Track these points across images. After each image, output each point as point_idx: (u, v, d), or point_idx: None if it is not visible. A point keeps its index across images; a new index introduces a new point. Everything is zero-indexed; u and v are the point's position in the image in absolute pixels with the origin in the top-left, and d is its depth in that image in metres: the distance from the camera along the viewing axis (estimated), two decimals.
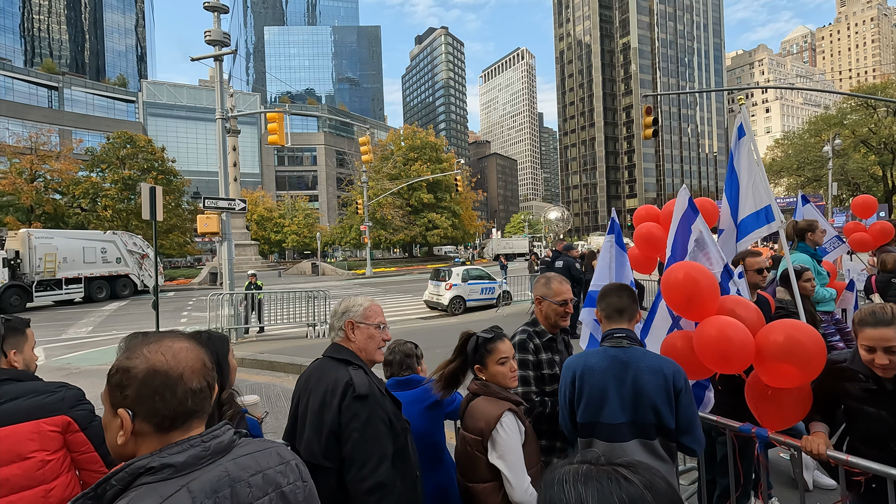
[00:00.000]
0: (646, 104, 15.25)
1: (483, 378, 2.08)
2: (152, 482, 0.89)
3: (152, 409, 0.94)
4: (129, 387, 0.94)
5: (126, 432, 0.93)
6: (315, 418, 1.75)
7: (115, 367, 0.97)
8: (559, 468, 0.80)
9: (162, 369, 0.95)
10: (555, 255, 9.84)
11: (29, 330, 1.91)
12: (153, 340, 1.00)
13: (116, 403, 0.95)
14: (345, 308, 2.00)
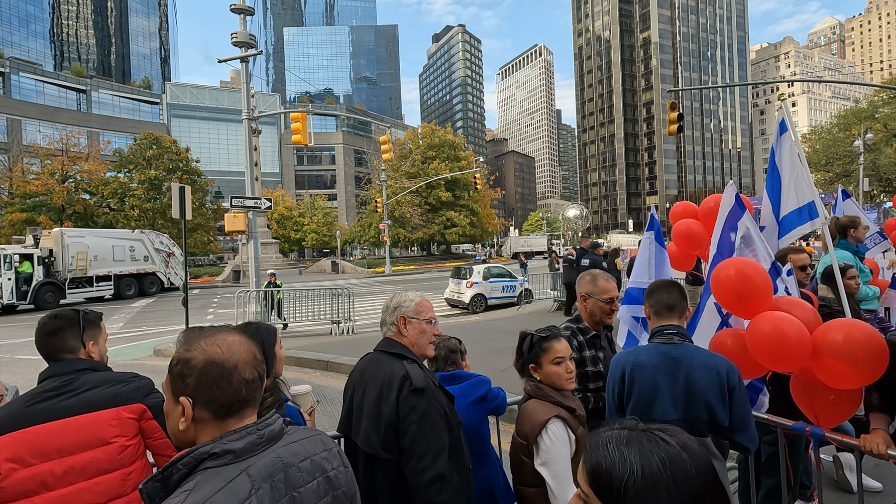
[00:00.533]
0: (670, 99, 15.00)
1: (538, 378, 2.03)
2: (215, 467, 0.96)
3: (210, 398, 1.01)
4: (189, 376, 1.01)
5: (187, 418, 1.00)
6: (372, 411, 1.78)
7: (176, 358, 1.04)
8: (601, 434, 0.86)
9: (218, 360, 1.02)
10: (580, 252, 9.76)
11: (102, 323, 1.99)
12: (209, 334, 1.07)
13: (178, 392, 1.02)
14: (397, 303, 2.03)
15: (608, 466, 0.81)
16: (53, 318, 1.84)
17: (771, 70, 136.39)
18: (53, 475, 1.53)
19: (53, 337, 1.79)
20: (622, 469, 0.79)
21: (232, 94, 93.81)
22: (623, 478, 0.78)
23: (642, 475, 0.78)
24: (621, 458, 0.80)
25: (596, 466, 0.83)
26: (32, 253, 19.88)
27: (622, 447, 0.82)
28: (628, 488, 0.78)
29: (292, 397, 2.29)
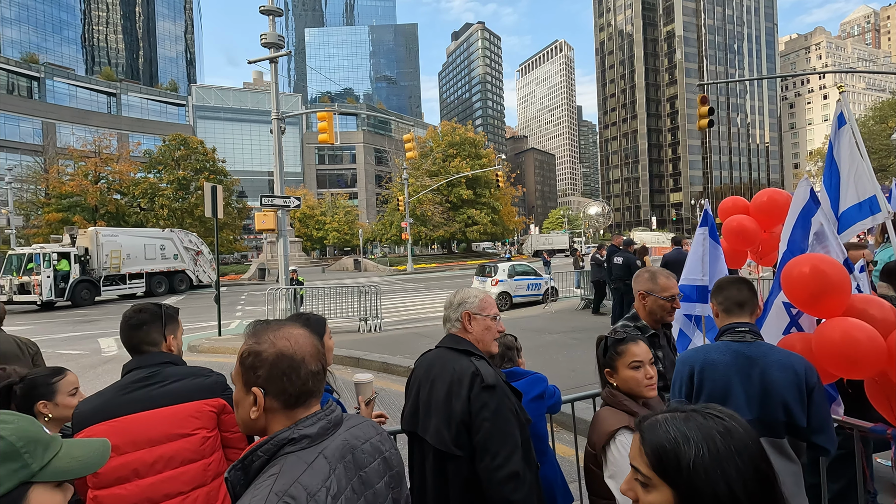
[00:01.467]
0: (700, 93, 14.65)
1: (614, 384, 1.89)
2: (295, 451, 1.02)
3: (281, 389, 1.05)
4: (260, 368, 1.05)
5: (259, 408, 1.05)
6: (442, 408, 1.78)
7: (247, 351, 1.08)
8: (652, 417, 0.89)
9: (288, 353, 1.07)
10: (612, 249, 9.62)
11: (179, 318, 2.04)
12: (277, 328, 1.11)
13: (250, 382, 1.06)
14: (461, 299, 2.02)
15: (672, 446, 0.82)
16: (138, 311, 1.89)
17: (801, 62, 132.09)
18: (144, 463, 1.58)
19: (138, 330, 1.84)
20: (687, 447, 0.80)
21: (255, 96, 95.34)
22: (690, 456, 0.79)
23: (708, 451, 0.79)
24: (684, 437, 0.82)
25: (659, 447, 0.83)
26: (69, 251, 20.58)
27: (682, 426, 0.84)
28: (696, 465, 0.78)
29: (355, 385, 2.32)
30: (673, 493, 0.83)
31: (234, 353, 9.08)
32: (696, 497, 0.80)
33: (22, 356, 3.45)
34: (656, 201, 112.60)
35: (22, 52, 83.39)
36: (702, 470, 0.79)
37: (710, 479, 0.78)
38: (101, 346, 11.82)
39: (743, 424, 0.85)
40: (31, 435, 0.79)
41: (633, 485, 0.91)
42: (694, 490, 0.80)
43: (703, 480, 0.79)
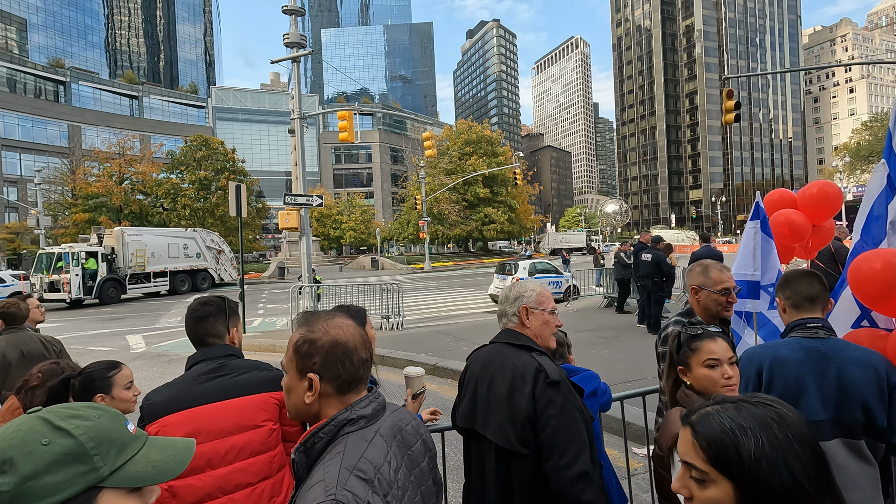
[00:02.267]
0: (726, 87, 14.33)
1: (688, 383, 1.76)
2: (354, 431, 1.09)
3: (335, 374, 1.11)
4: (316, 355, 1.11)
5: (315, 393, 1.10)
6: (505, 405, 1.73)
7: (301, 339, 1.13)
8: (699, 410, 0.87)
9: (342, 341, 1.12)
10: (639, 246, 9.46)
11: (239, 311, 2.04)
12: (328, 317, 1.17)
13: (305, 369, 1.11)
14: (517, 294, 1.97)
15: (730, 439, 0.79)
16: (204, 304, 1.89)
17: (826, 55, 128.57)
18: (217, 454, 1.58)
19: (205, 322, 1.84)
20: (745, 438, 0.78)
21: (273, 97, 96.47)
22: (750, 446, 0.78)
23: (767, 439, 0.78)
24: (740, 428, 0.80)
25: (716, 440, 0.81)
26: (97, 250, 21.06)
27: (736, 417, 0.82)
28: (758, 456, 0.77)
29: (405, 378, 2.29)
30: (733, 486, 0.80)
31: (258, 350, 9.11)
32: (760, 488, 0.78)
33: (48, 354, 3.51)
34: (675, 199, 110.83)
35: (49, 58, 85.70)
36: (764, 460, 0.77)
37: (773, 468, 0.77)
38: (129, 343, 12.06)
39: (792, 410, 0.84)
40: (107, 435, 0.75)
41: (686, 482, 0.87)
42: (757, 482, 0.78)
43: (765, 471, 0.77)
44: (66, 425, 0.72)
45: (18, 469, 0.66)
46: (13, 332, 3.58)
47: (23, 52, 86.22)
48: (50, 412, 0.74)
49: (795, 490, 0.76)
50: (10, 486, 0.65)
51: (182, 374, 1.76)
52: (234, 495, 1.58)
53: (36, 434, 0.70)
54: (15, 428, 0.71)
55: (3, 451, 0.68)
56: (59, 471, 0.68)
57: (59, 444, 0.70)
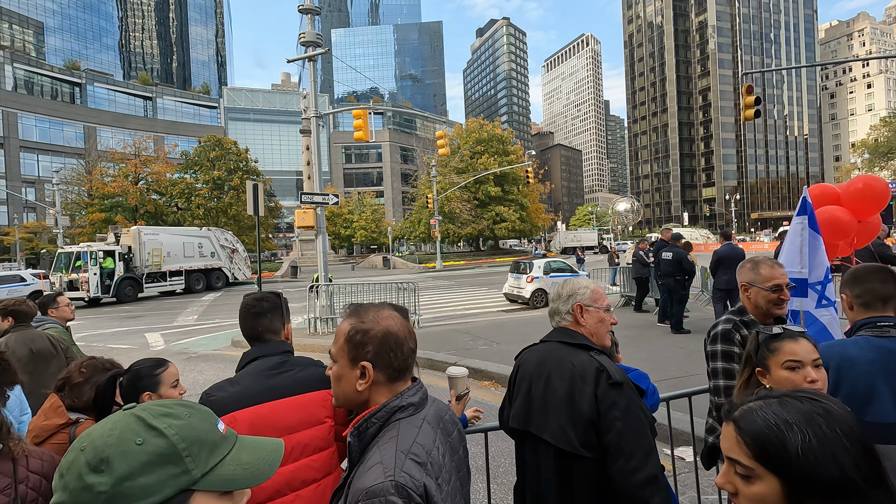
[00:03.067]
0: (745, 83, 14.09)
1: (767, 385, 1.67)
2: (404, 417, 1.14)
3: (387, 362, 1.16)
4: (369, 344, 1.15)
5: (368, 380, 1.15)
6: (564, 406, 1.67)
7: (354, 329, 1.18)
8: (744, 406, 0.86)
9: (393, 331, 1.18)
10: (660, 244, 9.33)
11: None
12: (377, 309, 1.23)
13: (358, 358, 1.16)
14: (571, 291, 1.91)
15: (776, 435, 0.78)
16: (260, 300, 1.86)
17: (843, 50, 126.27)
18: (284, 451, 1.56)
19: (263, 318, 1.82)
20: (791, 433, 0.77)
21: (283, 97, 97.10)
22: (797, 442, 0.76)
23: (814, 434, 0.76)
24: (786, 423, 0.78)
25: (761, 437, 0.80)
26: (114, 249, 21.32)
27: (780, 412, 0.81)
28: (805, 451, 0.76)
29: (448, 379, 2.24)
30: (780, 482, 0.78)
31: None
32: (808, 484, 0.76)
33: (55, 352, 3.52)
34: (688, 197, 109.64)
35: (65, 60, 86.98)
36: (811, 455, 0.75)
37: (821, 463, 0.75)
38: (148, 341, 12.18)
39: (839, 404, 0.83)
40: (199, 435, 0.71)
41: (731, 478, 0.85)
42: (805, 477, 0.76)
43: (813, 466, 0.75)
44: (159, 424, 0.69)
45: (115, 469, 0.64)
46: (21, 330, 3.60)
47: (40, 55, 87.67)
48: (144, 409, 0.72)
49: (846, 485, 0.75)
50: (107, 486, 0.63)
51: (243, 371, 1.74)
52: (300, 492, 1.56)
53: (131, 432, 0.67)
54: (111, 425, 0.69)
55: (99, 449, 0.65)
56: (152, 472, 0.66)
57: (153, 443, 0.67)
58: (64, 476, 0.65)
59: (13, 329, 3.63)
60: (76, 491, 0.63)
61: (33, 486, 1.47)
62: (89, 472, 0.64)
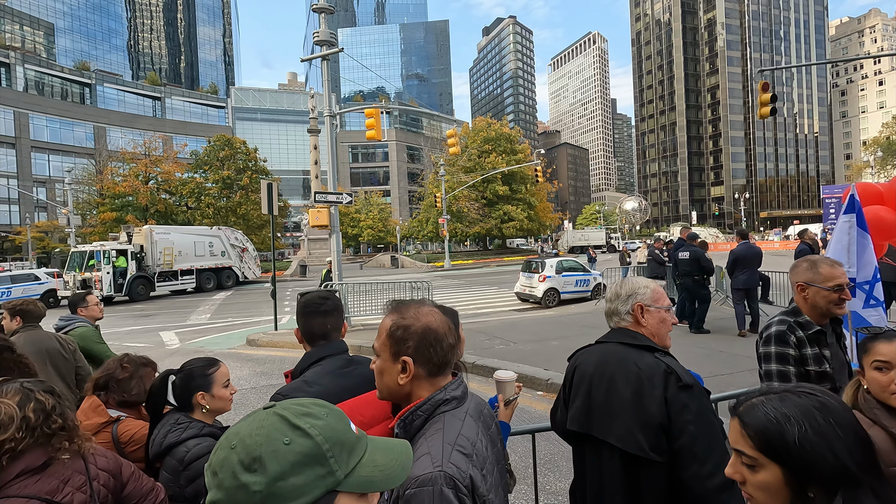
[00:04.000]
0: (761, 80, 13.93)
1: (864, 386, 1.65)
2: (448, 410, 1.18)
3: (427, 358, 1.18)
4: (410, 339, 1.18)
5: (409, 374, 1.18)
6: (632, 409, 1.63)
7: (395, 324, 1.20)
8: (748, 401, 0.95)
9: (433, 327, 1.20)
10: (678, 243, 9.24)
11: None
12: (417, 306, 1.25)
13: (399, 352, 1.18)
14: (630, 290, 1.87)
15: (776, 427, 0.87)
16: (326, 298, 1.85)
17: (854, 47, 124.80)
18: None
19: (331, 316, 1.82)
20: (790, 426, 0.85)
21: (291, 96, 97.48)
22: (795, 433, 0.85)
23: (810, 426, 0.85)
24: (784, 417, 0.87)
25: (763, 430, 0.88)
26: (126, 249, 21.47)
27: (780, 406, 0.89)
28: (802, 441, 0.84)
29: (496, 383, 2.20)
30: (782, 470, 0.87)
31: (291, 347, 9.07)
32: (808, 471, 0.84)
33: (64, 353, 3.53)
34: (696, 195, 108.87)
35: (75, 61, 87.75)
36: (808, 445, 0.83)
37: (818, 452, 0.83)
38: (163, 340, 12.24)
39: (835, 397, 0.91)
40: (339, 436, 0.71)
41: (738, 468, 0.95)
42: (804, 465, 0.84)
43: (811, 455, 0.83)
44: (302, 424, 0.69)
45: (268, 469, 0.64)
46: (29, 330, 3.62)
47: (50, 56, 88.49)
48: (284, 409, 0.71)
49: (842, 472, 0.83)
50: (261, 486, 0.63)
51: (316, 371, 1.73)
52: None
53: (277, 432, 0.67)
54: (257, 424, 0.68)
55: (250, 448, 0.65)
56: (301, 472, 0.65)
57: (299, 443, 0.67)
58: (218, 474, 0.65)
59: (22, 329, 3.66)
60: (231, 489, 0.64)
61: (104, 483, 1.50)
62: (243, 472, 0.64)
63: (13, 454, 1.34)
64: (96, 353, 4.25)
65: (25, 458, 1.37)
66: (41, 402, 1.42)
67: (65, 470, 1.42)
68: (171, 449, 1.80)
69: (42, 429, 1.40)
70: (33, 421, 1.38)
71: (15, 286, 19.27)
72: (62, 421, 1.45)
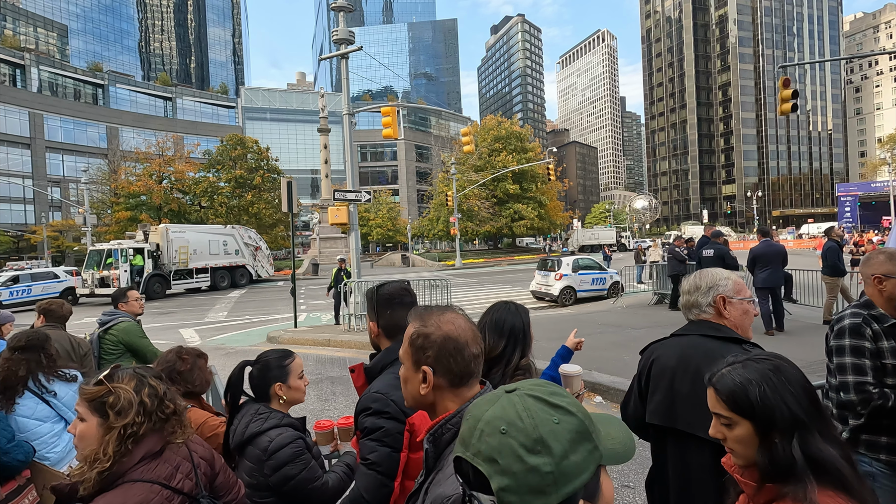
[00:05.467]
0: (783, 76, 13.76)
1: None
2: None
3: (447, 368, 1.13)
4: (430, 348, 1.13)
5: (429, 385, 1.13)
6: None
7: (416, 333, 1.16)
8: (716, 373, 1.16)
9: (453, 336, 1.14)
10: (702, 241, 9.17)
11: None
12: (440, 313, 1.20)
13: (420, 361, 1.14)
14: (711, 282, 1.85)
15: (742, 390, 1.09)
16: (407, 290, 1.85)
17: (869, 42, 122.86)
18: None
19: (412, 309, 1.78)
20: (751, 387, 1.08)
21: (300, 96, 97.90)
22: (756, 393, 1.07)
23: (768, 386, 1.07)
24: (747, 380, 1.09)
25: (732, 393, 1.10)
26: (143, 247, 21.70)
27: (743, 372, 1.11)
28: (763, 399, 1.06)
29: (562, 378, 2.19)
30: (751, 423, 1.08)
31: (313, 345, 9.07)
32: (769, 422, 1.06)
33: (73, 355, 3.56)
34: (707, 194, 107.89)
35: (87, 62, 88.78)
36: (766, 401, 1.06)
37: (775, 405, 1.05)
38: (183, 337, 12.36)
39: (785, 359, 1.14)
40: (586, 410, 0.71)
41: (718, 428, 1.16)
42: (766, 418, 1.06)
43: (770, 409, 1.05)
44: (561, 402, 0.69)
45: (552, 449, 0.64)
46: (48, 330, 3.69)
47: (63, 57, 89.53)
48: (531, 390, 0.72)
49: (795, 420, 1.05)
50: (551, 466, 0.63)
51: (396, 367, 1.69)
52: None
53: (544, 413, 0.68)
54: (521, 407, 0.69)
55: (528, 431, 0.66)
56: (577, 450, 0.66)
57: (567, 421, 0.67)
58: (499, 461, 0.65)
59: (42, 328, 3.72)
60: (521, 474, 0.63)
61: (205, 472, 1.51)
62: (529, 454, 0.64)
63: (136, 438, 1.37)
64: (139, 347, 4.30)
65: (146, 443, 1.40)
66: (154, 388, 1.45)
67: (175, 456, 1.45)
68: (254, 438, 1.82)
69: (157, 413, 1.43)
70: (149, 406, 1.41)
71: (35, 284, 19.56)
72: (174, 406, 1.49)
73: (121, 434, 1.34)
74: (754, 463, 1.11)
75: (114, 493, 1.32)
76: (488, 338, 1.97)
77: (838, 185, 70.60)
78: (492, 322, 2.01)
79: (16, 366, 2.68)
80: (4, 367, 2.66)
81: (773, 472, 1.06)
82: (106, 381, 1.45)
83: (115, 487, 1.34)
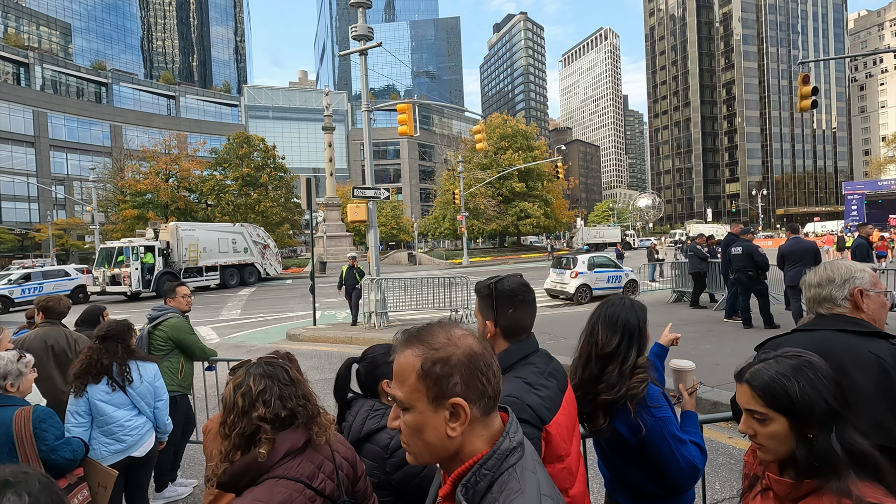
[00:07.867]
0: (802, 72, 13.65)
1: None
2: (516, 462, 0.88)
3: (481, 392, 0.88)
4: (454, 375, 0.87)
5: (466, 421, 0.87)
6: (878, 400, 1.54)
7: (428, 361, 0.87)
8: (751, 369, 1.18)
9: (478, 350, 0.90)
10: (730, 239, 9.08)
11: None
12: (442, 330, 0.93)
13: (445, 395, 0.86)
14: (846, 275, 1.77)
15: (780, 386, 1.10)
16: (527, 287, 1.76)
17: (873, 40, 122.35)
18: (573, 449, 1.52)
19: (534, 307, 1.62)
20: (790, 383, 1.09)
21: (302, 95, 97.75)
22: (795, 388, 1.08)
23: (805, 381, 1.09)
24: (783, 376, 1.11)
25: (769, 388, 1.11)
26: (154, 245, 21.65)
27: (778, 368, 1.13)
28: (802, 394, 1.07)
29: (674, 372, 2.12)
30: (788, 420, 1.09)
31: (333, 342, 9.00)
32: (807, 417, 1.07)
33: (69, 353, 3.53)
34: (711, 192, 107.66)
35: (91, 60, 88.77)
36: (806, 396, 1.07)
37: (815, 400, 1.07)
38: (201, 334, 12.29)
39: (814, 355, 1.16)
40: None
41: (749, 423, 1.16)
42: (805, 413, 1.07)
43: (810, 404, 1.07)
44: None
45: None
46: (46, 326, 3.65)
47: (67, 56, 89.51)
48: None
49: (832, 412, 1.07)
50: None
51: (530, 370, 1.51)
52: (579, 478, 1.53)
53: None
54: None
55: None
56: None
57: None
58: None
59: (40, 324, 3.71)
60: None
61: (347, 474, 1.46)
62: None
63: (279, 431, 1.36)
64: (187, 343, 4.25)
65: (290, 438, 1.38)
66: (249, 388, 1.42)
67: (317, 455, 1.42)
68: (372, 436, 1.75)
69: (298, 410, 1.41)
70: (241, 405, 1.39)
71: (47, 282, 19.53)
72: (313, 403, 1.46)
73: (224, 433, 1.35)
74: (784, 459, 1.12)
75: (260, 490, 1.29)
76: (601, 333, 1.89)
77: (845, 184, 70.36)
78: (605, 317, 1.92)
79: (97, 354, 2.85)
80: (87, 356, 2.84)
81: (814, 467, 1.06)
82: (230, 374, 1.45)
83: (261, 483, 1.30)
